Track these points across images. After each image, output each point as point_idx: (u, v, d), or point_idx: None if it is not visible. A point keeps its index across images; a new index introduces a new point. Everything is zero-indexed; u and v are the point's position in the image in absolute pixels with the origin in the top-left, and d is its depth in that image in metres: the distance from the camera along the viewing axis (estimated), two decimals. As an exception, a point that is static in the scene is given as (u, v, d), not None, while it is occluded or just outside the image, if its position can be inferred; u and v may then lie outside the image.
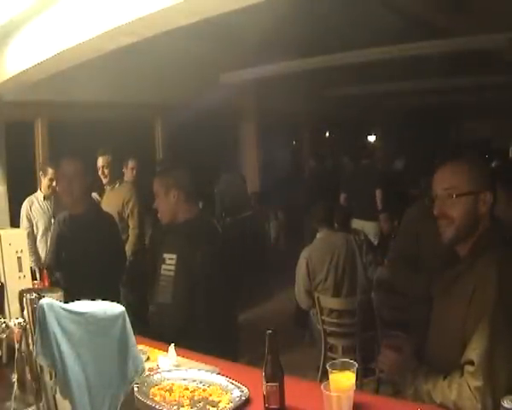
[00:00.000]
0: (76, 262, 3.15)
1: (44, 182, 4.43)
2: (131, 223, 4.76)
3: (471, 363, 1.62)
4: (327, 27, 5.50)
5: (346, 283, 3.90)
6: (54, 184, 4.27)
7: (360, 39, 5.54)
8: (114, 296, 1.68)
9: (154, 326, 2.58)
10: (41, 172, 4.49)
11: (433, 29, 5.34)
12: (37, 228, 4.40)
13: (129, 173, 5.28)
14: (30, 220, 4.41)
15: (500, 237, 1.77)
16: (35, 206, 4.45)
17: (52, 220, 4.24)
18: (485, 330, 1.60)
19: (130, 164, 5.30)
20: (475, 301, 1.66)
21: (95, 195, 4.81)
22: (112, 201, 4.77)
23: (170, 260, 2.56)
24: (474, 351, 1.61)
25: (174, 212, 2.72)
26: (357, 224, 5.86)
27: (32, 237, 4.34)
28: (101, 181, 4.94)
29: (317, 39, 5.76)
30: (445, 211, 1.78)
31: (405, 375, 1.81)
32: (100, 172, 4.88)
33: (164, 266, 2.58)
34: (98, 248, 3.12)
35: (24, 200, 4.52)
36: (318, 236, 4.13)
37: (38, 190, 4.51)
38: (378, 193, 6.08)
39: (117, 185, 4.92)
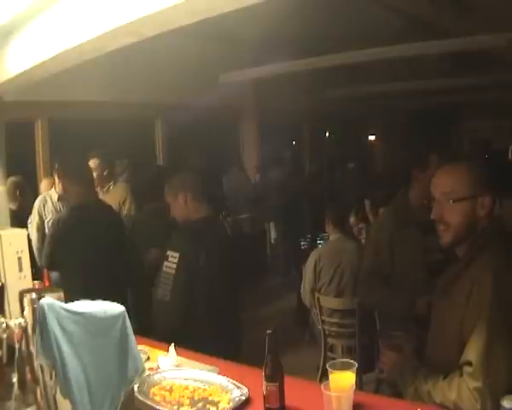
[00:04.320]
0: (81, 262, 3.14)
1: (56, 181, 4.40)
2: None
3: (469, 364, 1.62)
4: (327, 27, 5.51)
5: (349, 289, 3.87)
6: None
7: (360, 39, 5.55)
8: (120, 296, 1.68)
9: (154, 323, 2.58)
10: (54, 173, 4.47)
11: (433, 29, 5.35)
12: (48, 227, 4.38)
13: (127, 173, 5.25)
14: (41, 217, 4.40)
15: (497, 238, 1.77)
16: (48, 204, 4.43)
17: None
18: (483, 330, 1.60)
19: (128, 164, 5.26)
20: (472, 302, 1.66)
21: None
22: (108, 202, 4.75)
23: (172, 258, 2.58)
24: (472, 352, 1.61)
25: (186, 213, 2.80)
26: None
27: (41, 235, 4.33)
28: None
29: (317, 39, 5.77)
30: (443, 215, 1.78)
31: (405, 375, 1.81)
32: None
33: (166, 263, 2.59)
34: (107, 245, 3.12)
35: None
36: (331, 238, 4.14)
37: (53, 189, 4.49)
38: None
39: (111, 187, 4.90)
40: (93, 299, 1.55)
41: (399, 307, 2.55)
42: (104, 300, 1.55)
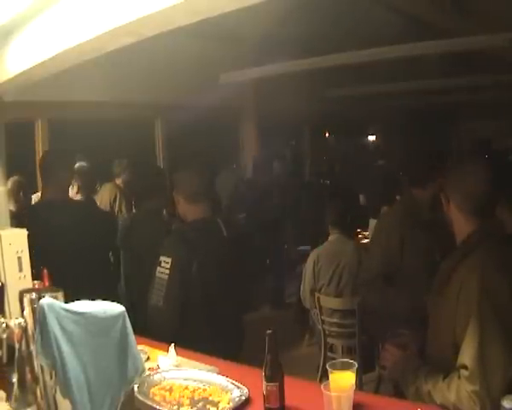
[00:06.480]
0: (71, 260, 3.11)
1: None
2: (121, 217, 4.75)
3: (465, 367, 1.62)
4: (327, 27, 5.51)
5: (348, 290, 3.85)
6: None
7: (360, 39, 5.55)
8: (111, 294, 1.68)
9: (150, 328, 2.56)
10: None
11: (433, 29, 5.35)
12: None
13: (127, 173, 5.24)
14: None
15: (492, 238, 1.77)
16: None
17: None
18: (475, 332, 1.60)
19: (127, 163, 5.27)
20: (461, 302, 1.66)
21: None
22: (99, 203, 4.73)
23: (165, 264, 2.52)
24: (467, 355, 1.61)
25: (182, 214, 2.77)
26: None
27: None
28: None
29: (318, 39, 5.77)
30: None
31: (407, 374, 1.81)
32: None
33: (159, 269, 2.54)
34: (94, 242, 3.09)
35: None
36: (330, 238, 4.08)
37: None
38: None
39: (98, 188, 4.89)
40: (81, 298, 1.54)
41: (405, 307, 2.56)
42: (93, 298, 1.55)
